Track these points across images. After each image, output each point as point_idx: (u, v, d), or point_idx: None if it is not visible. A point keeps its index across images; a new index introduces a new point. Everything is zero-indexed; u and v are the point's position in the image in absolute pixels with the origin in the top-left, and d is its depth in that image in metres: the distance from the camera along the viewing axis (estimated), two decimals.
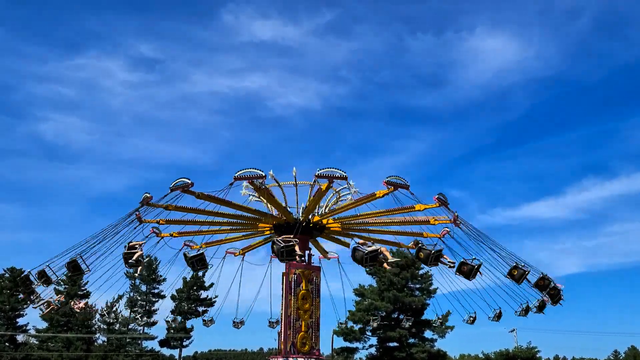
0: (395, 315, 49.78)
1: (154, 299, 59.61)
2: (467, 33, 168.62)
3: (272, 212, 23.90)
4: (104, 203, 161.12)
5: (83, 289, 54.66)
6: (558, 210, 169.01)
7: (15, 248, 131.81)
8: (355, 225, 24.58)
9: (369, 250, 17.39)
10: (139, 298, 58.93)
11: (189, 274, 58.90)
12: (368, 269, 51.93)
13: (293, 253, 17.80)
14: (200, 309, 58.59)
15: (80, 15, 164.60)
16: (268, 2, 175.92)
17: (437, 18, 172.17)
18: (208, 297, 59.54)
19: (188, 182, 19.21)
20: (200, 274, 58.16)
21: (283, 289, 22.80)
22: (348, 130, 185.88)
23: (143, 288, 59.75)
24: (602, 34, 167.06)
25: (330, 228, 24.32)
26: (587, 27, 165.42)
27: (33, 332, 55.55)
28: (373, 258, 17.59)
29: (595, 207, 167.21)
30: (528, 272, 20.13)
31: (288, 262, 20.38)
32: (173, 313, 57.06)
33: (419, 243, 19.87)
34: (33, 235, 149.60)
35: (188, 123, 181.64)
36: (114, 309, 53.32)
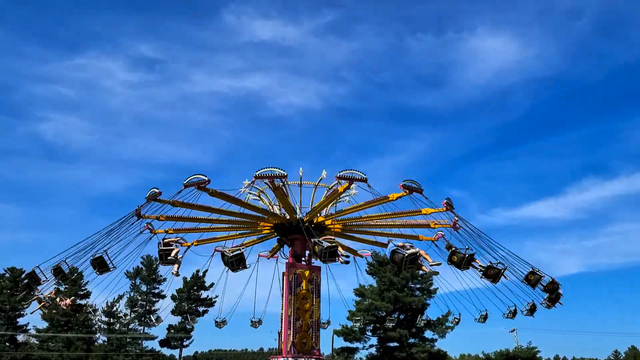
0: (396, 315, 49.80)
1: (154, 299, 59.67)
2: (467, 33, 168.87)
3: (272, 211, 23.85)
4: (104, 203, 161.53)
5: (83, 289, 54.72)
6: (558, 211, 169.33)
7: (15, 248, 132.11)
8: (355, 227, 24.56)
9: (409, 253, 17.35)
10: (139, 298, 58.96)
11: (189, 274, 59.13)
12: (368, 269, 52.07)
13: (336, 254, 17.79)
14: (201, 309, 58.66)
15: (80, 15, 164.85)
16: (268, 2, 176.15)
17: (437, 18, 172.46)
18: (208, 297, 59.59)
19: (205, 178, 18.82)
20: (201, 274, 58.26)
21: (283, 289, 22.74)
22: (348, 131, 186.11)
23: (143, 288, 59.81)
24: (602, 34, 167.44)
25: (332, 229, 24.27)
26: (587, 27, 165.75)
27: (33, 332, 55.65)
28: (412, 261, 17.59)
29: (596, 207, 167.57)
30: (542, 277, 20.09)
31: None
32: (173, 313, 57.18)
33: (452, 247, 19.21)
34: (33, 235, 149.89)
35: (188, 123, 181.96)
36: (114, 309, 53.38)
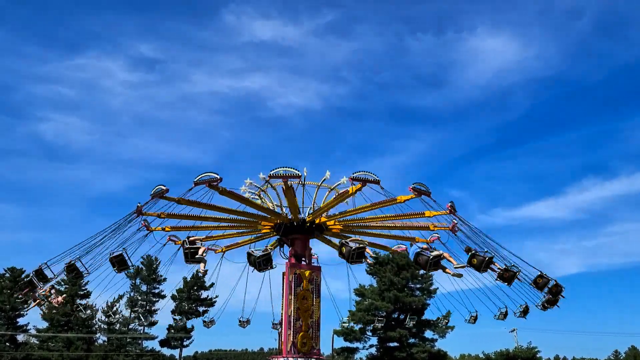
0: (396, 316, 49.79)
1: (155, 299, 59.68)
2: (467, 33, 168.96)
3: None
4: (104, 203, 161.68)
5: (84, 289, 54.77)
6: (558, 211, 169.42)
7: (15, 248, 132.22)
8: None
9: (434, 255, 17.48)
10: (140, 298, 58.96)
11: (189, 274, 59.08)
12: (368, 269, 52.00)
13: (363, 255, 17.93)
14: (201, 309, 58.66)
15: (80, 15, 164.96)
16: (268, 2, 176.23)
17: (437, 18, 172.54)
18: (208, 297, 59.61)
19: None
20: (201, 274, 58.19)
21: (283, 289, 22.74)
22: (348, 131, 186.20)
23: (143, 288, 59.81)
24: (602, 34, 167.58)
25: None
26: (587, 27, 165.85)
27: (33, 332, 55.64)
28: (436, 263, 17.70)
29: (596, 207, 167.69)
30: (550, 280, 20.10)
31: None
32: (173, 313, 57.22)
33: (471, 250, 18.77)
34: (33, 235, 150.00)
35: (188, 123, 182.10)
36: (113, 309, 53.28)
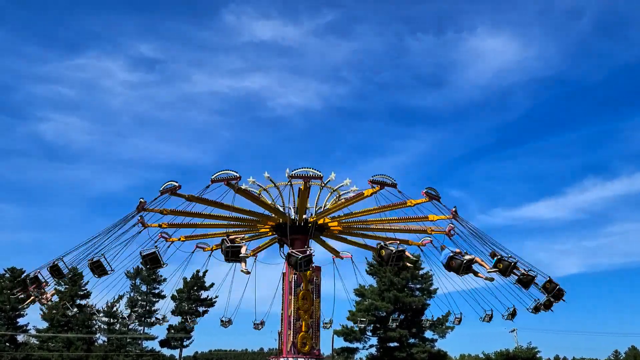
0: (396, 316, 49.78)
1: (155, 299, 59.67)
2: (467, 33, 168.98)
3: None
4: (104, 203, 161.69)
5: (84, 289, 54.76)
6: (558, 211, 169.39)
7: (15, 248, 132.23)
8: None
9: (467, 259, 17.60)
10: (139, 298, 58.96)
11: (190, 274, 59.13)
12: (368, 269, 52.02)
13: (402, 258, 17.82)
14: (201, 309, 58.67)
15: (80, 15, 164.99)
16: (268, 2, 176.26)
17: (437, 18, 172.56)
18: (208, 297, 59.61)
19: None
20: (201, 274, 58.31)
21: (283, 289, 22.74)
22: (348, 131, 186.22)
23: (143, 288, 59.80)
24: (602, 34, 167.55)
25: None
26: (587, 27, 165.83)
27: (33, 332, 55.63)
28: (468, 267, 17.77)
29: (596, 207, 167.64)
30: (557, 285, 20.03)
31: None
32: (174, 313, 57.20)
33: (497, 254, 18.73)
34: (33, 235, 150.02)
35: (188, 123, 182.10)
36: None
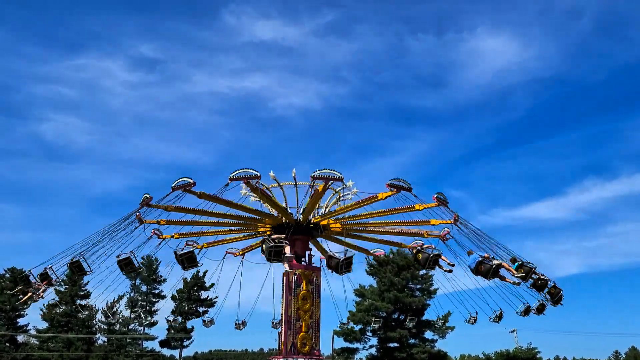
0: (396, 316, 49.74)
1: (155, 300, 59.66)
2: (467, 33, 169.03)
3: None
4: (104, 203, 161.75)
5: (84, 289, 54.77)
6: (558, 211, 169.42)
7: (15, 248, 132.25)
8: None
9: (496, 264, 17.81)
10: (140, 298, 58.95)
11: (190, 274, 59.15)
12: (368, 270, 52.00)
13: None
14: (201, 310, 58.64)
15: (80, 15, 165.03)
16: (268, 2, 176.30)
17: (437, 18, 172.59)
18: (208, 297, 59.61)
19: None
20: (201, 274, 58.30)
21: (283, 290, 22.73)
22: (348, 131, 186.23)
23: (143, 288, 59.80)
24: (602, 34, 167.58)
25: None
26: (587, 27, 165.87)
27: (33, 332, 55.62)
28: (496, 272, 17.98)
29: (596, 207, 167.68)
30: (561, 290, 20.20)
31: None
32: (173, 313, 57.14)
33: (517, 260, 19.25)
34: (33, 235, 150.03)
35: (188, 123, 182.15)
36: (114, 310, 53.12)
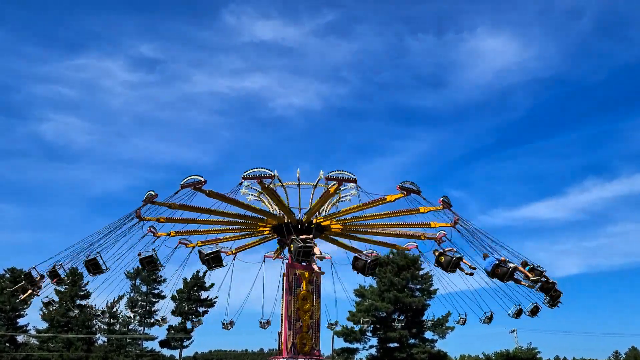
0: (396, 316, 49.75)
1: (155, 300, 59.64)
2: (467, 34, 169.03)
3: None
4: (104, 203, 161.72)
5: (84, 290, 54.74)
6: (559, 211, 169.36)
7: (15, 248, 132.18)
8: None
9: (512, 267, 18.07)
10: (139, 298, 58.93)
11: (189, 275, 59.17)
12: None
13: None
14: (201, 310, 58.64)
15: (80, 15, 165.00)
16: (268, 2, 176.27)
17: (437, 18, 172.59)
18: (208, 297, 59.60)
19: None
20: (201, 275, 58.30)
21: (283, 290, 22.72)
22: (348, 131, 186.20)
23: (143, 288, 59.78)
24: (602, 34, 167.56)
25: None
26: (587, 27, 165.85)
27: (33, 332, 55.59)
28: (511, 275, 18.23)
29: (596, 207, 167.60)
30: (561, 294, 20.29)
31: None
32: (174, 314, 57.17)
33: (528, 264, 19.55)
34: (33, 235, 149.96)
35: (188, 123, 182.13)
36: (114, 310, 53.16)
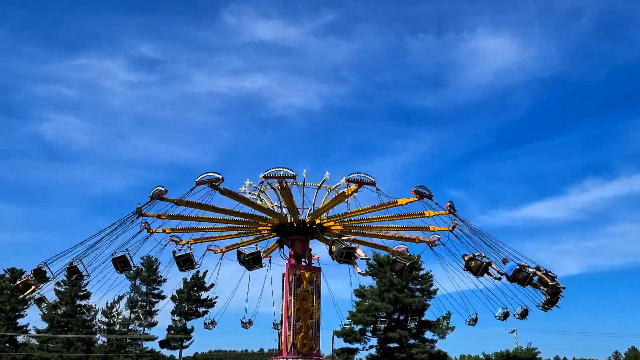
0: (396, 316, 49.77)
1: (154, 300, 59.67)
2: (467, 34, 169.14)
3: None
4: (104, 203, 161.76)
5: (83, 290, 54.76)
6: (559, 211, 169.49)
7: (15, 248, 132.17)
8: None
9: (532, 272, 17.98)
10: (139, 299, 58.95)
11: (189, 275, 59.14)
12: (368, 270, 51.96)
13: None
14: (201, 310, 58.67)
15: (80, 15, 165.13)
16: (268, 2, 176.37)
17: (437, 18, 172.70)
18: (208, 297, 59.63)
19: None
20: (201, 275, 58.32)
21: (283, 290, 22.69)
22: (348, 131, 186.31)
23: (143, 289, 59.81)
24: (602, 34, 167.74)
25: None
26: (587, 27, 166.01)
27: (33, 332, 55.63)
28: (531, 280, 18.12)
29: (596, 207, 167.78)
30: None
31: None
32: (173, 314, 57.24)
33: (540, 269, 19.13)
34: (33, 235, 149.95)
35: (188, 123, 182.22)
36: (114, 310, 53.15)
